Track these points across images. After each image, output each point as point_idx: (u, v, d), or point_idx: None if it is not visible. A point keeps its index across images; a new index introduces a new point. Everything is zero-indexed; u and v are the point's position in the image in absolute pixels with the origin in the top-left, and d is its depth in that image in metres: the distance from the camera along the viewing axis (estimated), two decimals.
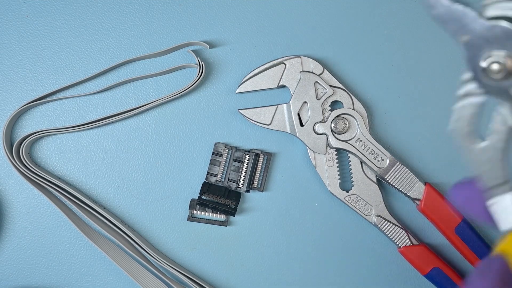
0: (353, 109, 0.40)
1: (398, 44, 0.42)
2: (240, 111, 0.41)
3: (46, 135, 0.42)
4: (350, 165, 0.41)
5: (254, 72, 0.41)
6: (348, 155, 0.41)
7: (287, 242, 0.42)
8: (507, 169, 0.29)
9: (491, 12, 0.27)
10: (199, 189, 0.41)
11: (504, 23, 0.26)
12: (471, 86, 0.28)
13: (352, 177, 0.40)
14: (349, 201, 0.40)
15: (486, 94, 0.28)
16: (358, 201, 0.40)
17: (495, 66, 0.27)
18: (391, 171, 0.40)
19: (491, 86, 0.27)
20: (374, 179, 0.40)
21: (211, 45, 0.42)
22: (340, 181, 0.40)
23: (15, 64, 0.42)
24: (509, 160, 0.29)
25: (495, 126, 0.28)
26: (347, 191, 0.40)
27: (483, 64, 0.27)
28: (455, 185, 0.30)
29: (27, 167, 0.41)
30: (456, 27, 0.27)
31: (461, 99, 0.29)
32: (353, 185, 0.40)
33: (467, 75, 0.28)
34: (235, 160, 0.41)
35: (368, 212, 0.40)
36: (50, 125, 0.42)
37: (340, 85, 0.40)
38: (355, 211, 0.40)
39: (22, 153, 0.41)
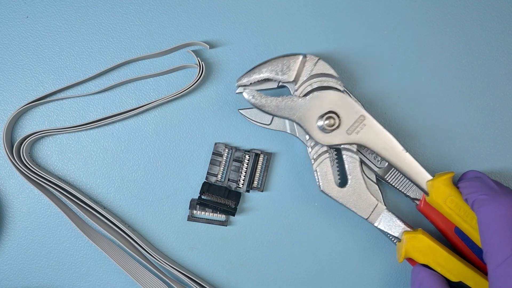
0: None
1: (398, 44, 0.42)
2: (240, 111, 0.41)
3: (46, 135, 0.42)
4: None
5: None
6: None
7: (287, 242, 0.42)
8: (376, 196, 0.38)
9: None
10: (199, 189, 0.41)
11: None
12: (317, 148, 0.38)
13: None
14: None
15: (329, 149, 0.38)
16: None
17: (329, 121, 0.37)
18: (391, 171, 0.40)
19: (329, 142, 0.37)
20: (374, 179, 0.40)
21: (211, 45, 0.42)
22: (340, 181, 0.40)
23: (15, 64, 0.42)
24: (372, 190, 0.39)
25: (349, 169, 0.38)
26: None
27: (320, 123, 0.37)
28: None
29: (27, 167, 0.41)
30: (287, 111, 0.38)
31: (316, 162, 0.38)
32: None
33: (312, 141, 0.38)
34: (235, 160, 0.41)
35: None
36: (50, 125, 0.42)
37: None
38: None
39: (23, 153, 0.41)
